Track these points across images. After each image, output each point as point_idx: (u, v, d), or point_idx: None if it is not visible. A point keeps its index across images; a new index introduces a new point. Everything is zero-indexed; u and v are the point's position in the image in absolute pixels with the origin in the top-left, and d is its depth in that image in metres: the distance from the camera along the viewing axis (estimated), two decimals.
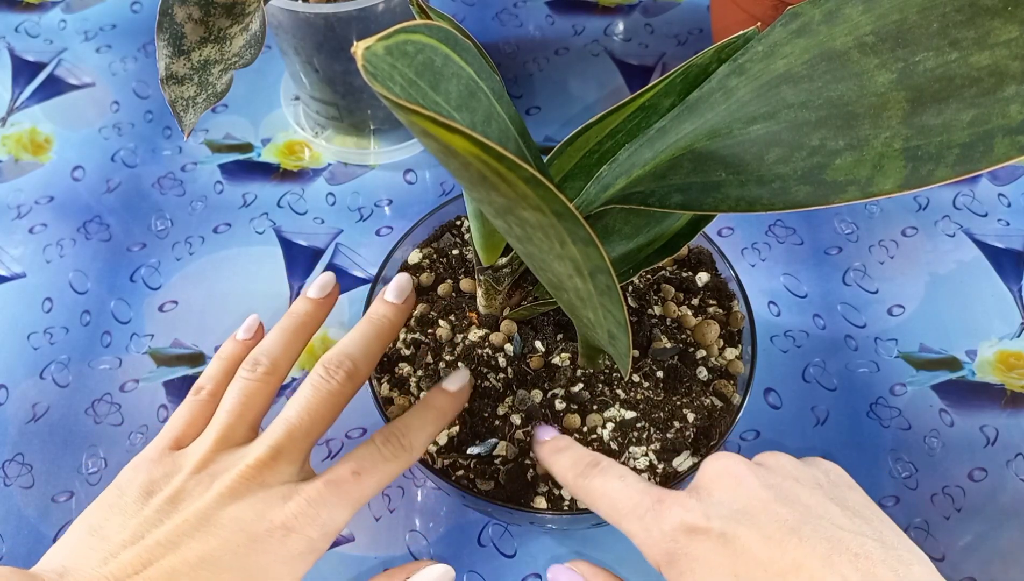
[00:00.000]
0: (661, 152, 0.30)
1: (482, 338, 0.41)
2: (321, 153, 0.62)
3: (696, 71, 0.33)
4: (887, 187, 0.24)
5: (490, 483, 0.38)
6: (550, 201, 0.22)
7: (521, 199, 0.22)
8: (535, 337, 0.41)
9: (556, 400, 0.40)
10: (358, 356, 0.37)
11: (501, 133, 0.27)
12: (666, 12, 0.69)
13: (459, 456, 0.39)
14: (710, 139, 0.28)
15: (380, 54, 0.21)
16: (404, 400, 0.41)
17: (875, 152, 0.25)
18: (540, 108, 0.64)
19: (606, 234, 0.37)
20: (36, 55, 0.69)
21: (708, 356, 0.41)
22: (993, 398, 0.50)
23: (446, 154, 0.21)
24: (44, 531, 0.48)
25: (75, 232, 0.59)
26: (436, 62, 0.24)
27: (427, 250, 0.45)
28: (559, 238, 0.24)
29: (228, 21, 0.36)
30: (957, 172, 0.24)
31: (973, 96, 0.24)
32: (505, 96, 0.28)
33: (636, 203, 0.30)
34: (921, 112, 0.24)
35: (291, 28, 0.52)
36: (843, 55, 0.26)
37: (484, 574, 0.46)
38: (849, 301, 0.54)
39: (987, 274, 0.55)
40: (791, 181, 0.26)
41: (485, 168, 0.21)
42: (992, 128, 0.23)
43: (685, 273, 0.43)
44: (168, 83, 0.36)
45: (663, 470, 0.38)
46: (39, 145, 0.63)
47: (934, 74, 0.25)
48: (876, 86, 0.25)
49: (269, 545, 0.32)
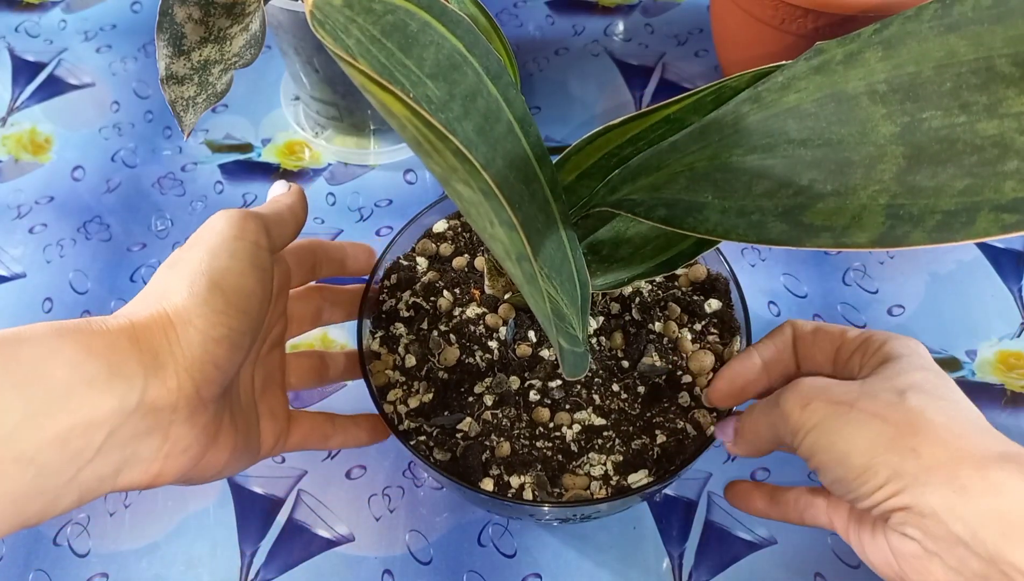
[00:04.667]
0: (666, 166, 0.30)
1: (478, 316, 0.42)
2: (321, 153, 0.62)
3: (729, 93, 0.32)
4: (861, 241, 0.24)
5: (447, 455, 0.38)
6: (475, 177, 0.22)
7: (452, 171, 0.22)
8: (531, 326, 0.41)
9: (531, 391, 0.40)
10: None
11: (488, 112, 0.27)
12: (666, 12, 0.69)
13: (425, 422, 0.39)
14: (709, 161, 0.28)
15: (336, 5, 0.21)
16: (389, 358, 0.41)
17: (858, 203, 0.24)
18: (540, 108, 0.64)
19: (617, 239, 0.37)
20: (36, 55, 0.69)
21: (695, 384, 0.40)
22: (993, 398, 0.50)
23: (386, 113, 0.21)
24: (44, 531, 0.48)
25: (75, 232, 0.59)
26: (411, 26, 0.23)
27: (453, 222, 0.46)
28: (487, 217, 0.24)
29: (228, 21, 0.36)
30: (933, 239, 0.23)
31: (972, 165, 0.23)
32: (506, 78, 0.28)
33: (626, 210, 0.30)
34: (916, 171, 0.24)
35: (291, 28, 0.52)
36: (853, 99, 0.26)
37: (484, 574, 0.46)
38: (849, 301, 0.54)
39: (987, 274, 0.55)
40: (770, 216, 0.26)
41: (418, 133, 0.21)
42: (981, 201, 0.23)
43: (697, 296, 0.43)
44: (168, 83, 0.36)
45: (616, 483, 0.37)
46: (39, 145, 0.63)
47: (938, 134, 0.24)
48: (877, 136, 0.25)
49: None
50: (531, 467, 0.38)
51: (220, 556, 0.47)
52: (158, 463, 0.29)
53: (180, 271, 0.31)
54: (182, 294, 0.30)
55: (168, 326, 0.29)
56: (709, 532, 0.47)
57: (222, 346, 0.30)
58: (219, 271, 0.31)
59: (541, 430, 0.39)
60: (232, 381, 0.33)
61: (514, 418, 0.39)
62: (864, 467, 0.29)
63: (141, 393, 0.28)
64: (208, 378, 0.30)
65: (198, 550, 0.47)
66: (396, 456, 0.50)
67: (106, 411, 0.27)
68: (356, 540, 0.47)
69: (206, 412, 0.30)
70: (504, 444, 0.38)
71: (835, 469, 0.30)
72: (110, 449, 0.27)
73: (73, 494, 0.27)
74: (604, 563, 0.46)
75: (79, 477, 0.26)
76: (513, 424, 0.39)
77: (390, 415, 0.39)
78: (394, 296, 0.43)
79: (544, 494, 0.37)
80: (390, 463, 0.49)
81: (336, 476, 0.49)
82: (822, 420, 0.31)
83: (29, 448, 0.25)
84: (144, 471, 0.29)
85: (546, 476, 0.37)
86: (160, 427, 0.29)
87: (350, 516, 0.48)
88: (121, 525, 0.48)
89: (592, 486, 0.37)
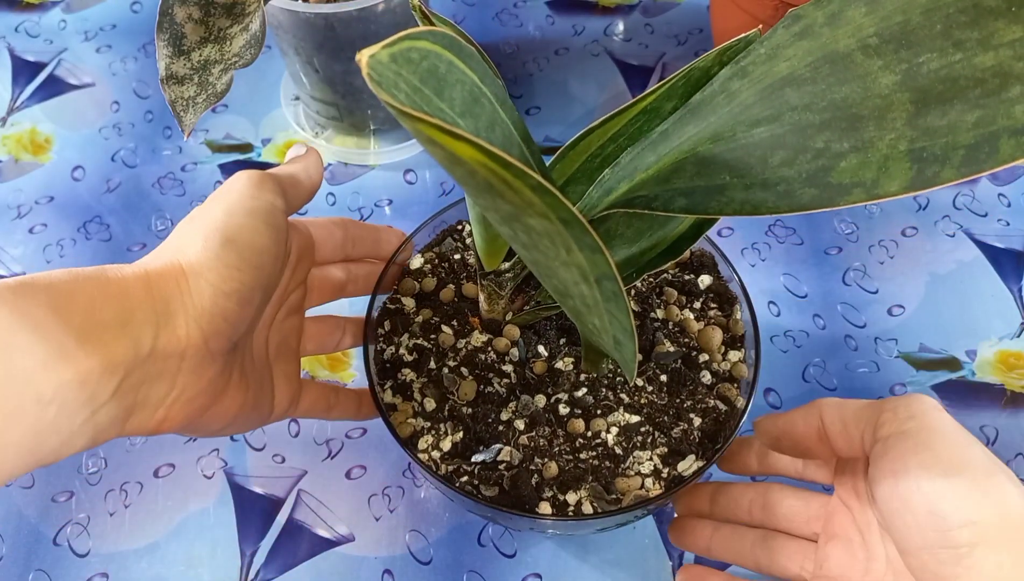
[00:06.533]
0: (664, 155, 0.30)
1: (485, 343, 0.41)
2: (321, 153, 0.62)
3: (698, 74, 0.33)
4: (893, 189, 0.24)
5: (494, 489, 0.37)
6: (556, 208, 0.22)
7: (527, 206, 0.22)
8: (538, 342, 0.41)
9: (560, 405, 0.39)
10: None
11: (504, 139, 0.27)
12: (666, 12, 0.69)
13: (463, 462, 0.38)
14: (713, 142, 0.28)
15: (385, 61, 0.21)
16: (407, 406, 0.40)
17: (880, 154, 0.25)
18: (540, 108, 0.64)
19: (608, 238, 0.37)
20: (36, 55, 0.69)
21: (711, 360, 0.40)
22: (993, 398, 0.50)
23: (451, 162, 0.21)
24: (44, 531, 0.48)
25: (75, 232, 0.59)
26: (440, 68, 0.23)
27: (429, 255, 0.45)
28: (565, 245, 0.24)
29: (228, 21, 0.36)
30: (963, 173, 0.24)
31: (977, 97, 0.24)
32: (508, 101, 0.28)
33: (640, 207, 0.30)
34: (926, 114, 0.24)
35: (291, 28, 0.52)
36: (846, 57, 0.26)
37: (484, 574, 0.46)
38: (849, 301, 0.54)
39: (987, 274, 0.55)
40: (796, 184, 0.26)
41: (491, 176, 0.21)
42: (997, 129, 0.23)
43: (687, 276, 0.43)
44: (168, 83, 0.36)
45: (668, 474, 0.37)
46: (39, 145, 0.63)
47: (938, 75, 0.24)
48: (880, 88, 0.25)
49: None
50: (583, 480, 0.37)
51: (220, 556, 0.47)
52: (163, 409, 0.30)
53: (196, 226, 0.32)
54: (196, 247, 0.31)
55: (181, 277, 0.30)
56: None
57: (232, 300, 0.31)
58: (234, 228, 0.31)
59: (581, 441, 0.39)
60: (243, 340, 0.34)
61: (551, 436, 0.39)
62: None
63: (153, 339, 0.28)
64: (217, 330, 0.30)
65: (198, 550, 0.47)
66: (396, 456, 0.50)
67: (120, 355, 0.27)
68: (356, 540, 0.47)
69: (214, 364, 0.31)
70: (551, 464, 0.38)
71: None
72: (124, 392, 0.28)
73: (87, 434, 0.27)
74: (604, 563, 0.46)
75: (94, 419, 0.27)
76: (552, 442, 0.38)
77: (427, 463, 0.38)
78: (392, 342, 0.42)
79: (603, 504, 0.37)
80: (390, 463, 0.49)
81: (336, 476, 0.49)
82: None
83: (48, 390, 0.25)
84: (150, 416, 0.30)
85: (601, 485, 0.37)
86: (168, 373, 0.29)
87: (350, 516, 0.48)
88: (121, 525, 0.48)
89: (646, 483, 0.37)
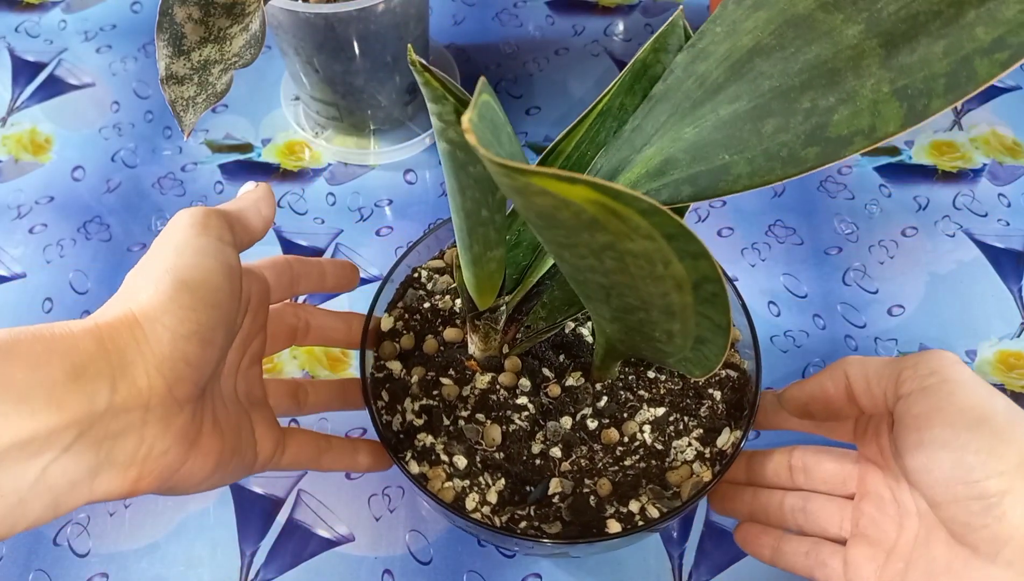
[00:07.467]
0: (646, 148, 0.30)
1: (491, 383, 0.40)
2: (321, 153, 0.62)
3: (640, 65, 0.34)
4: (891, 129, 0.25)
5: (556, 525, 0.36)
6: (664, 226, 0.22)
7: (632, 231, 0.22)
8: (540, 366, 0.40)
9: (587, 420, 0.39)
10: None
11: (511, 146, 0.28)
12: (666, 12, 0.69)
13: (515, 508, 0.37)
14: (696, 126, 0.28)
15: (477, 122, 0.21)
16: (439, 471, 0.38)
17: (868, 100, 0.25)
18: (540, 108, 0.64)
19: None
20: (36, 55, 0.69)
21: None
22: None
23: (558, 208, 0.21)
24: (44, 531, 0.48)
25: (75, 232, 0.59)
26: (495, 116, 0.24)
27: (396, 312, 0.43)
28: (663, 260, 0.24)
29: (228, 21, 0.36)
30: (950, 100, 0.24)
31: (939, 28, 0.25)
32: (509, 127, 0.28)
33: None
34: (896, 54, 0.25)
35: (291, 28, 0.52)
36: (808, 17, 0.27)
37: (484, 574, 0.46)
38: (849, 301, 0.54)
39: (987, 274, 0.55)
40: (797, 146, 0.26)
41: (600, 210, 0.21)
42: (967, 53, 0.24)
43: None
44: (168, 83, 0.36)
45: (711, 453, 0.38)
46: (39, 145, 0.64)
47: (899, 16, 0.25)
48: (848, 39, 0.26)
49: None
50: (638, 487, 0.37)
51: (220, 556, 0.47)
52: (135, 467, 0.28)
53: (145, 271, 0.30)
54: (148, 292, 0.29)
55: (135, 325, 0.29)
56: (709, 532, 0.47)
57: (192, 342, 0.29)
58: (184, 268, 0.30)
59: (621, 449, 0.38)
60: (211, 385, 0.33)
61: (590, 453, 0.38)
62: None
63: (110, 392, 0.27)
64: (180, 376, 0.29)
65: (198, 550, 0.47)
66: None
67: (72, 412, 0.26)
68: (356, 540, 0.47)
69: (181, 413, 0.30)
70: (602, 481, 0.37)
71: None
72: (82, 451, 0.26)
73: (44, 499, 0.26)
74: (604, 563, 0.46)
75: (46, 479, 0.26)
76: (593, 459, 0.38)
77: (483, 521, 0.37)
78: (395, 411, 0.40)
79: (665, 503, 0.37)
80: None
81: (336, 476, 0.49)
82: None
83: None
84: (122, 476, 0.28)
85: (657, 485, 0.37)
86: (134, 428, 0.28)
87: (350, 516, 0.48)
88: (121, 525, 0.48)
89: (695, 469, 0.37)
